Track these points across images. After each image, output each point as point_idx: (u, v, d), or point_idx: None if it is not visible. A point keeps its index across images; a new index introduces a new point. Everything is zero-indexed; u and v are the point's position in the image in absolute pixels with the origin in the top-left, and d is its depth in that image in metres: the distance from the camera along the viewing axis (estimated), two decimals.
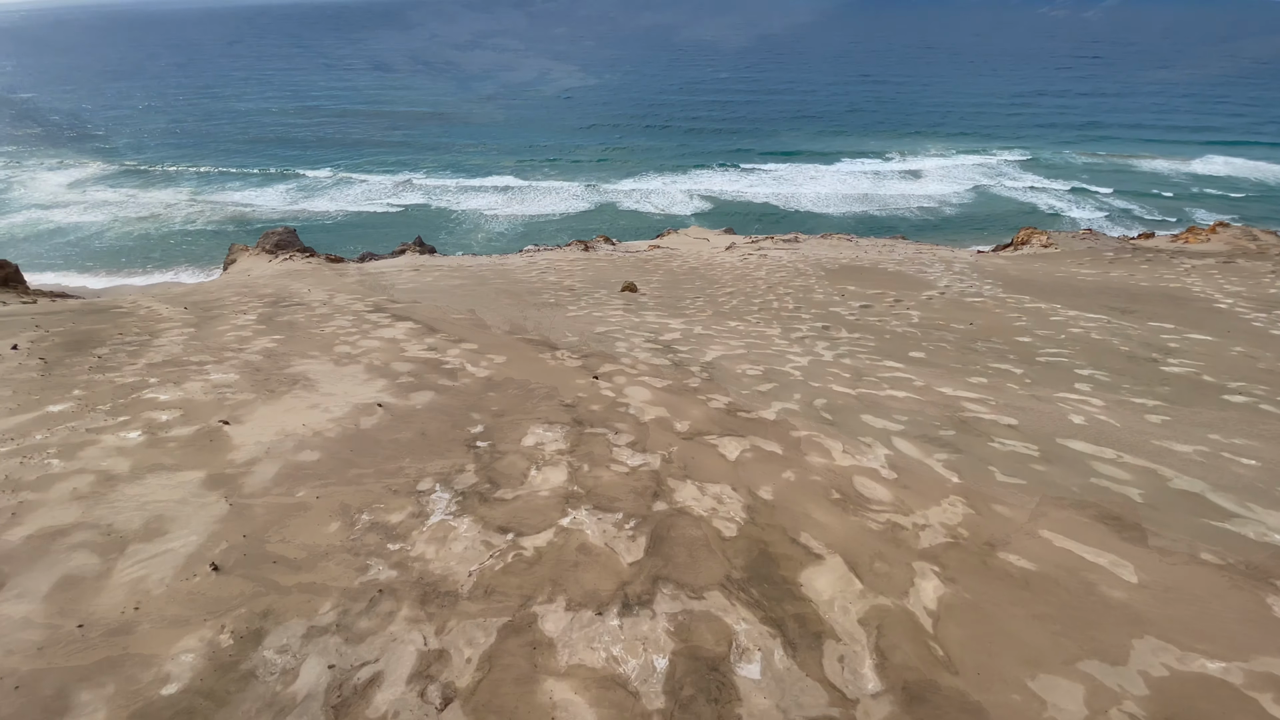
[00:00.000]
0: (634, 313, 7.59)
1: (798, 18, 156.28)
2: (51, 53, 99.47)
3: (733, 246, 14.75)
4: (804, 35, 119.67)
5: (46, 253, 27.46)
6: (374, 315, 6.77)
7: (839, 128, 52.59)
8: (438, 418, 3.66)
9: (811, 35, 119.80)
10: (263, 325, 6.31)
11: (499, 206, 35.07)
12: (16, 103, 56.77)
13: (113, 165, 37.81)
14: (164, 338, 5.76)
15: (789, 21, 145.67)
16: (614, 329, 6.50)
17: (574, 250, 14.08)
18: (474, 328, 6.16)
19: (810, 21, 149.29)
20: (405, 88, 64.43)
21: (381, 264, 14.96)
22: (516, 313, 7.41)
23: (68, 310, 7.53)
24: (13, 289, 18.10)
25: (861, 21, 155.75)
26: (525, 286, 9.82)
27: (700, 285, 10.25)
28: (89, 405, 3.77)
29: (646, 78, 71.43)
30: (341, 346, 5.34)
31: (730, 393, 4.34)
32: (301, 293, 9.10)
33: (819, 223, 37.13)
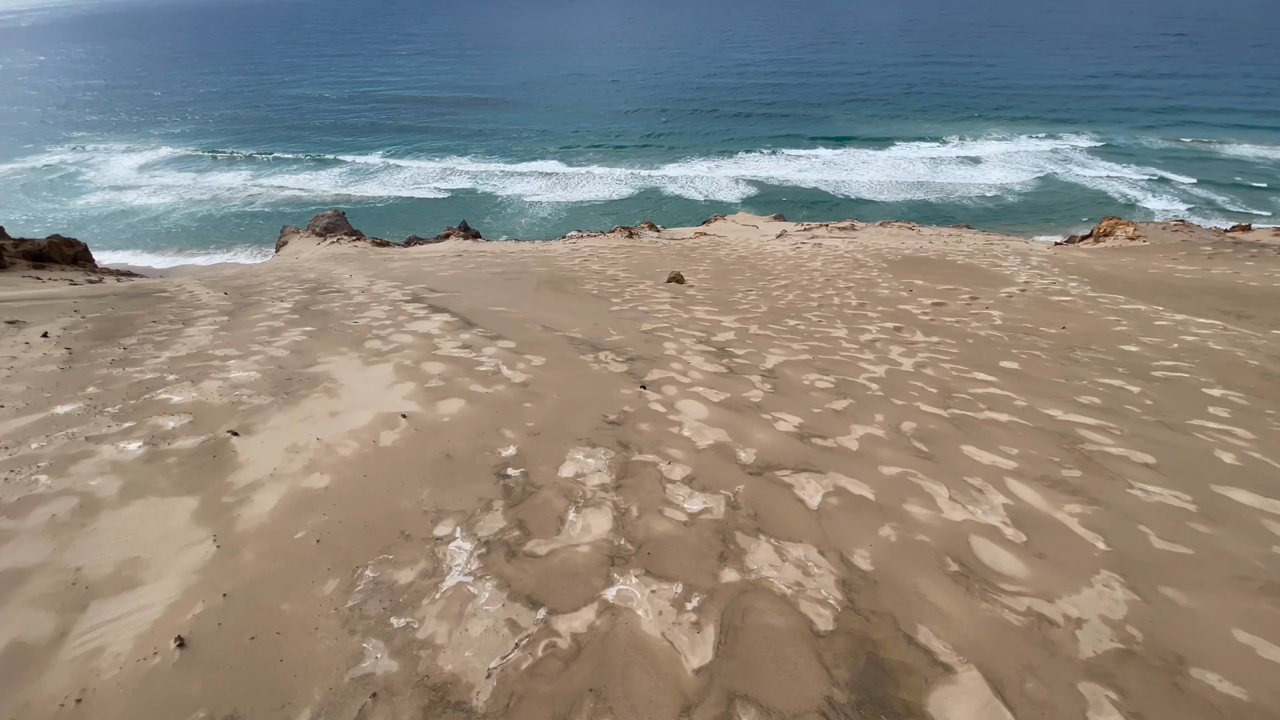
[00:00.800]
0: (682, 308, 7.00)
1: None
2: (123, 40, 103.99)
3: (784, 234, 13.92)
4: (861, 13, 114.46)
5: (117, 233, 28.53)
6: (411, 306, 6.39)
7: (894, 111, 50.14)
8: (466, 434, 3.18)
9: (869, 13, 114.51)
10: (296, 315, 6.00)
11: (543, 192, 34.73)
12: (92, 89, 59.40)
13: (178, 149, 39.07)
14: (196, 327, 5.49)
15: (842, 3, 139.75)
16: (661, 326, 5.94)
17: (617, 237, 13.52)
18: (512, 323, 5.69)
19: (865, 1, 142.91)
20: (453, 73, 64.56)
21: (425, 248, 14.75)
22: (558, 304, 6.92)
23: (113, 294, 7.44)
24: (81, 267, 18.74)
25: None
26: (567, 275, 9.32)
27: (752, 277, 9.54)
28: (97, 407, 3.45)
29: (695, 60, 69.53)
30: (373, 341, 4.94)
31: (799, 410, 3.73)
32: (343, 278, 8.85)
33: (871, 210, 35.52)
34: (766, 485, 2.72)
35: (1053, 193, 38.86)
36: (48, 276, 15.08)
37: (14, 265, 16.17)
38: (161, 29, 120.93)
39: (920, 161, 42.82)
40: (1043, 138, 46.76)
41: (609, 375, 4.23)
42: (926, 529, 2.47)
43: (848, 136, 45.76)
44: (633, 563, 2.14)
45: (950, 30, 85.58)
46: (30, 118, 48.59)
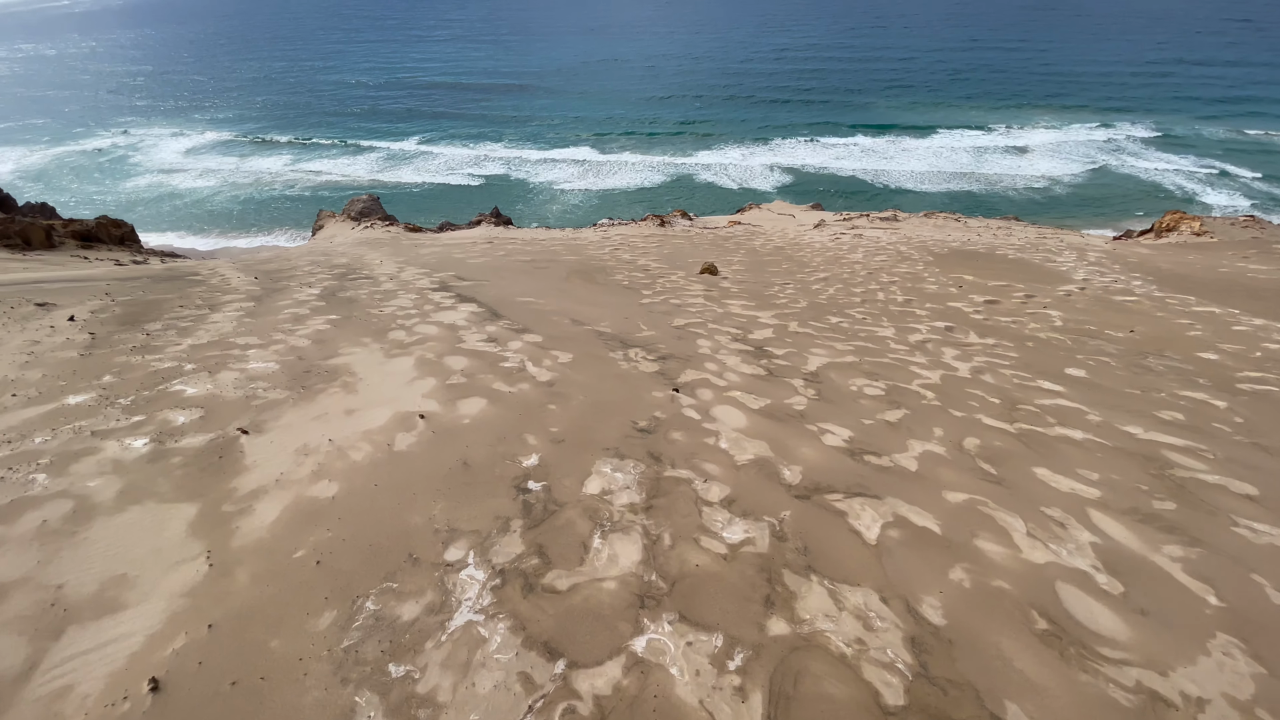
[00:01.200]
0: (716, 301, 6.66)
1: None
2: (170, 25, 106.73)
3: (822, 224, 13.37)
4: None
5: (164, 215, 29.27)
6: (438, 295, 6.19)
7: (938, 98, 48.29)
8: (486, 438, 2.94)
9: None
10: (322, 302, 5.85)
11: (574, 179, 34.48)
12: (140, 75, 61.06)
13: (223, 134, 39.88)
14: (221, 313, 5.38)
15: None
16: (694, 321, 5.62)
17: (649, 225, 13.18)
18: (540, 315, 5.44)
19: None
20: (489, 59, 64.44)
21: (457, 235, 14.64)
22: (587, 296, 6.65)
23: (147, 276, 7.43)
24: (128, 247, 19.17)
25: None
26: (597, 265, 9.04)
27: (789, 269, 9.12)
28: (110, 398, 3.31)
29: (732, 44, 68.00)
30: (397, 332, 4.74)
31: (848, 421, 3.39)
32: (373, 264, 8.73)
33: (911, 200, 34.39)
34: (816, 512, 2.41)
35: (1105, 185, 37.05)
36: (94, 256, 15.44)
37: (63, 245, 16.60)
38: (207, 15, 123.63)
39: (964, 150, 41.23)
40: (1095, 127, 44.53)
41: (639, 375, 3.94)
42: (1005, 572, 2.13)
43: (888, 124, 44.28)
44: (665, 605, 1.86)
45: (1000, 14, 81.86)
46: (81, 102, 50.22)
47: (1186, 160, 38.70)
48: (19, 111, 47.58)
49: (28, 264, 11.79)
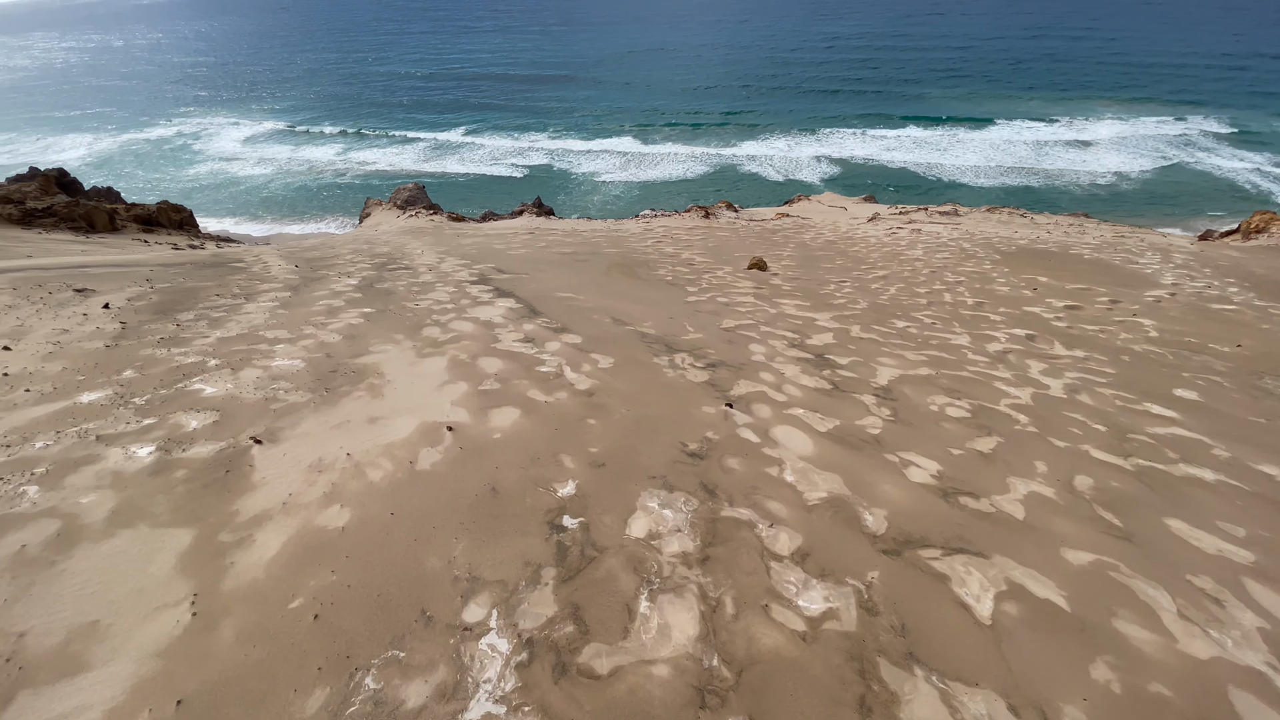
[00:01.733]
0: (767, 300, 6.18)
1: None
2: (232, 18, 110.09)
3: (876, 218, 12.62)
4: None
5: (222, 201, 30.13)
6: (476, 288, 5.90)
7: (996, 88, 45.91)
8: (518, 459, 2.58)
9: None
10: (359, 294, 5.62)
11: (616, 170, 34.07)
12: (202, 65, 63.22)
13: (279, 124, 40.86)
14: (256, 302, 5.20)
15: None
16: (745, 323, 5.16)
17: (693, 217, 12.67)
18: (579, 312, 5.07)
19: None
20: (535, 49, 64.33)
21: (499, 224, 14.43)
22: (629, 291, 6.26)
23: (190, 262, 7.38)
24: (186, 231, 19.67)
25: None
26: (639, 258, 8.64)
27: (844, 265, 8.53)
28: (125, 397, 3.08)
29: (781, 33, 66.04)
30: (431, 329, 4.45)
31: (934, 450, 2.91)
32: (414, 254, 8.54)
33: (967, 194, 32.81)
34: (910, 574, 1.97)
35: (1177, 182, 34.63)
36: (153, 240, 15.84)
37: (125, 228, 17.10)
38: (266, 7, 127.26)
39: (1023, 143, 39.08)
40: (1166, 120, 41.62)
41: (687, 386, 3.53)
42: (1160, 670, 1.66)
43: (942, 115, 42.39)
44: (732, 704, 1.46)
45: (1066, 1, 77.32)
46: (147, 92, 52.30)
47: (1263, 158, 35.81)
48: (89, 100, 49.87)
49: (87, 246, 12.07)
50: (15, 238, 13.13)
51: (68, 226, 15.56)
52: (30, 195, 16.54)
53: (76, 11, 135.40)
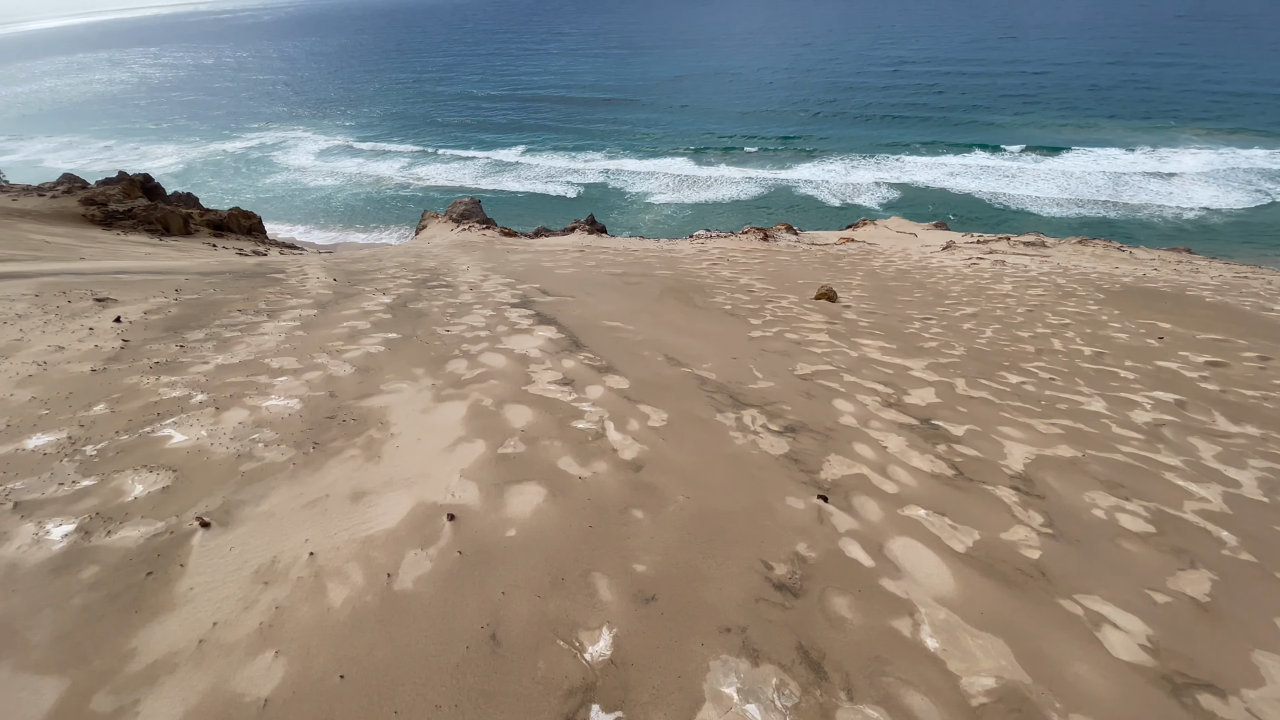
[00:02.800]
0: (844, 339, 5.28)
1: None
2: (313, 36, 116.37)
3: (952, 246, 11.46)
4: (1040, 5, 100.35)
5: (294, 209, 31.13)
6: (516, 312, 5.25)
7: (1071, 115, 43.27)
8: (534, 578, 1.83)
9: (1049, 5, 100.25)
10: (388, 315, 5.05)
11: (670, 189, 33.58)
12: (283, 83, 66.68)
13: (349, 139, 42.35)
14: (277, 321, 4.68)
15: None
16: (823, 368, 4.29)
17: (750, 239, 11.84)
18: (628, 347, 4.32)
19: None
20: (596, 71, 64.96)
21: (550, 241, 13.96)
22: (684, 322, 5.48)
23: (232, 271, 7.04)
24: (254, 237, 20.10)
25: None
26: (695, 283, 7.86)
27: (924, 299, 7.52)
28: (78, 444, 2.50)
29: (845, 56, 64.32)
30: (457, 362, 3.79)
31: (1126, 593, 1.99)
32: (458, 269, 8.04)
33: (1037, 224, 30.81)
34: None
35: (1272, 217, 31.64)
36: (221, 244, 16.11)
37: (198, 232, 17.52)
38: (348, 29, 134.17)
39: (1100, 173, 36.56)
40: (1262, 152, 38.22)
41: (761, 460, 2.71)
42: None
43: (1012, 142, 40.24)
44: None
45: (1152, 24, 72.62)
46: (230, 107, 55.44)
47: None
48: (179, 113, 53.19)
49: (152, 249, 12.16)
50: (91, 238, 13.43)
51: (145, 229, 15.99)
52: (114, 198, 17.11)
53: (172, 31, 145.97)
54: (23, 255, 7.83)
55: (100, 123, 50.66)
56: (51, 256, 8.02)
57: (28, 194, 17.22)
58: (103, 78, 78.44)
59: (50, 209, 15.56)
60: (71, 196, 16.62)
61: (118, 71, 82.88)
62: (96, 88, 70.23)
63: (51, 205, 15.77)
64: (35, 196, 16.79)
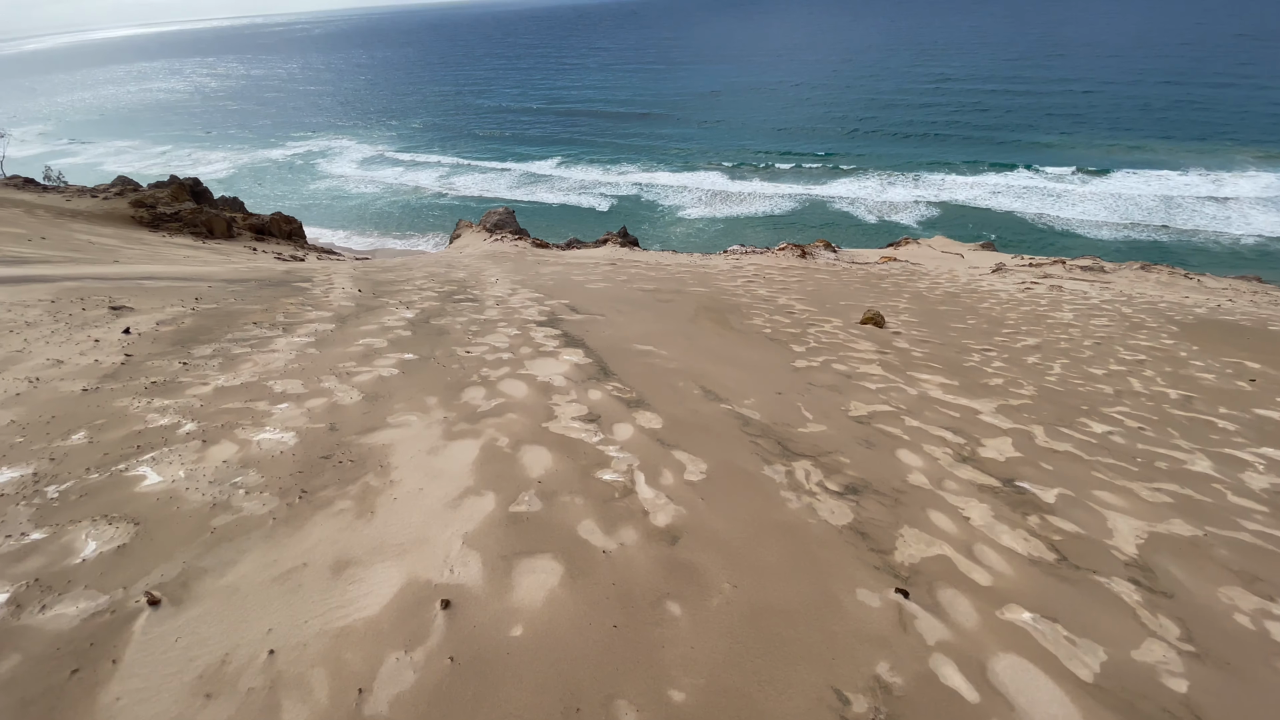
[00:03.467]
0: (898, 371, 4.78)
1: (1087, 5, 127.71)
2: (358, 49, 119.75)
3: (1002, 269, 10.76)
4: (1091, 22, 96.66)
5: (336, 215, 31.70)
6: (542, 331, 4.90)
7: (1122, 136, 41.47)
8: (541, 705, 1.42)
9: (1100, 22, 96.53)
10: (409, 331, 4.74)
11: (702, 203, 33.21)
12: (331, 94, 68.62)
13: (391, 148, 43.17)
14: (291, 336, 4.40)
15: (1072, 9, 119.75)
16: (880, 409, 3.80)
17: (787, 256, 11.32)
18: (661, 376, 3.91)
19: (1105, 6, 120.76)
20: (630, 86, 65.13)
21: (582, 253, 13.69)
22: (721, 347, 5.05)
23: (257, 279, 6.87)
24: (294, 241, 20.35)
25: (1172, 3, 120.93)
26: (730, 302, 7.42)
27: (980, 327, 6.93)
28: (43, 482, 2.20)
29: (885, 74, 63.12)
30: (474, 390, 3.43)
31: None
32: (487, 282, 7.76)
33: (1083, 246, 29.50)
34: None
35: None
36: (261, 248, 16.28)
37: (240, 235, 17.78)
38: (394, 41, 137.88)
39: (1151, 195, 34.89)
40: None
41: (822, 533, 2.26)
42: None
43: (1058, 162, 38.81)
44: None
45: (1209, 43, 69.45)
46: (278, 116, 57.29)
47: None
48: (229, 121, 55.08)
49: (193, 251, 12.24)
50: (137, 239, 13.63)
51: (190, 231, 16.25)
52: (162, 201, 17.45)
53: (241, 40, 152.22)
54: (60, 257, 7.83)
55: (157, 129, 52.84)
56: (88, 259, 7.99)
57: (81, 195, 17.67)
58: (162, 86, 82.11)
59: (101, 210, 15.92)
60: (122, 199, 17.02)
61: (175, 80, 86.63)
62: (156, 95, 73.48)
63: (103, 207, 16.14)
64: (88, 198, 17.23)
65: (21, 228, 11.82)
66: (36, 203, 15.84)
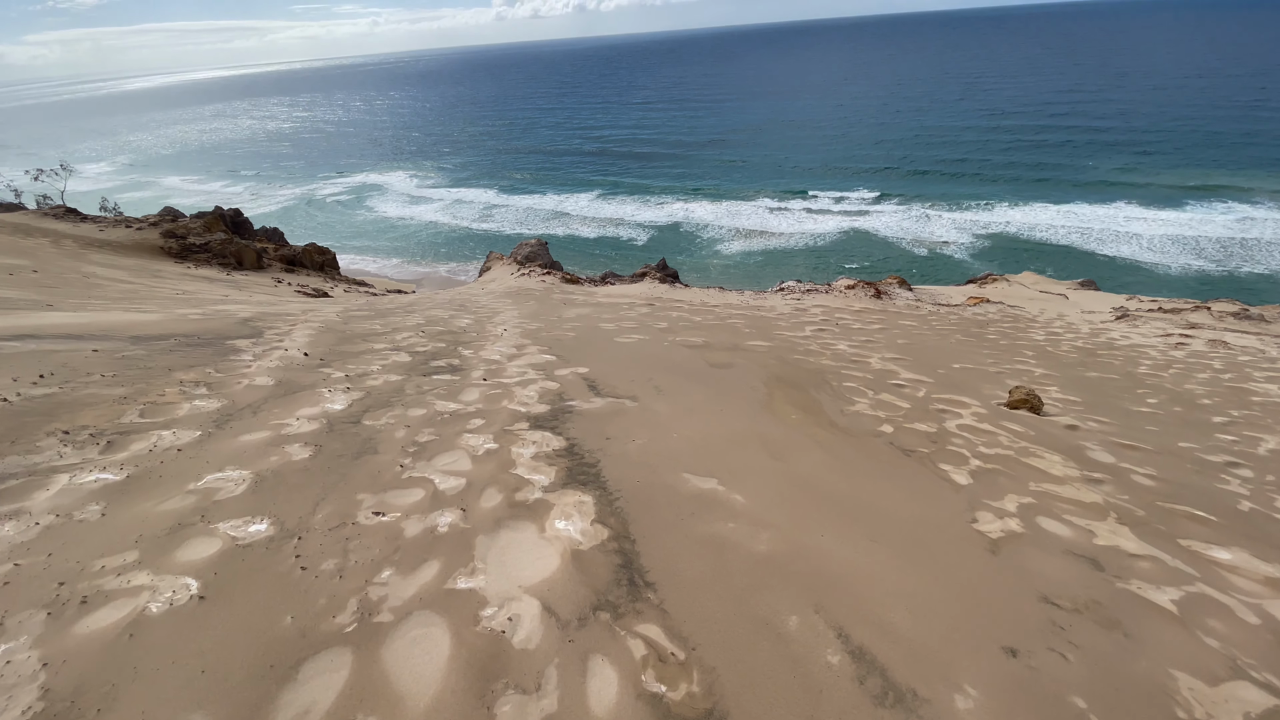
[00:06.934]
0: (1148, 530, 2.53)
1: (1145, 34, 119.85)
2: (408, 87, 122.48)
3: (1127, 315, 8.28)
4: (1151, 52, 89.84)
5: (381, 245, 30.82)
6: (531, 446, 2.83)
7: (1186, 167, 37.48)
8: None
9: (1161, 51, 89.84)
10: (308, 451, 2.72)
11: (742, 235, 31.12)
12: (377, 130, 69.77)
13: (438, 181, 42.75)
14: (117, 452, 2.46)
15: (1129, 38, 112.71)
16: (1248, 696, 1.58)
17: (859, 296, 9.07)
18: (751, 597, 1.76)
19: (1165, 37, 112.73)
20: (670, 121, 63.73)
21: (615, 290, 11.69)
22: (833, 485, 2.87)
23: (182, 335, 5.05)
24: (325, 273, 18.95)
25: (1244, 32, 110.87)
26: (811, 368, 5.22)
27: (1168, 409, 4.56)
28: None
29: (932, 106, 59.54)
30: (333, 659, 1.35)
31: None
32: (490, 335, 5.79)
33: (1146, 280, 26.19)
34: None
35: None
36: (288, 279, 14.90)
37: (270, 266, 16.47)
38: (448, 79, 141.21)
39: (1221, 228, 30.99)
40: None
41: None
42: None
43: (1119, 194, 35.24)
44: None
45: (1277, 72, 63.93)
46: (332, 149, 58.26)
47: None
48: (287, 156, 56.03)
49: (200, 285, 10.67)
50: (154, 271, 12.31)
51: (218, 263, 15.00)
52: (194, 232, 16.30)
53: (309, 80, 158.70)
54: (15, 298, 6.20)
55: (225, 163, 54.19)
56: (31, 304, 6.34)
57: (116, 226, 16.67)
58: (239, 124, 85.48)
59: (131, 240, 14.81)
60: (155, 229, 15.90)
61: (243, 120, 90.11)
62: (229, 134, 76.26)
63: (134, 237, 15.04)
64: (123, 229, 16.19)
65: (23, 258, 10.54)
66: (68, 232, 14.81)
